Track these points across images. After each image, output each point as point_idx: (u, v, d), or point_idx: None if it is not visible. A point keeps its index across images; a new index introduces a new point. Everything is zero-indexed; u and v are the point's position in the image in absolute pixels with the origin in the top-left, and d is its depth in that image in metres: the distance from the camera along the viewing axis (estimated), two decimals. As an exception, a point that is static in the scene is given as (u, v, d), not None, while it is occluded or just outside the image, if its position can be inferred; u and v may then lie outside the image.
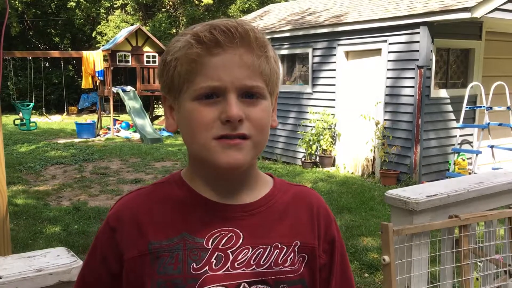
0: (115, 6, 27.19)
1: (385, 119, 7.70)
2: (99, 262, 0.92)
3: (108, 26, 25.46)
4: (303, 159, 9.04)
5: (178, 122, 0.90)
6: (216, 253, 0.86)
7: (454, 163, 7.50)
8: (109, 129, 14.47)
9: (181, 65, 0.84)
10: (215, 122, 0.82)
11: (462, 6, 6.52)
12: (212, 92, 0.83)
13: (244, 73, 0.83)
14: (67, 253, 1.22)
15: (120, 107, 19.76)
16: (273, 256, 0.88)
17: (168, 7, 27.08)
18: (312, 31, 8.90)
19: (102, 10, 26.06)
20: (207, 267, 0.85)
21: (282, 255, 0.89)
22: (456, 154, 7.56)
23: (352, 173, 8.34)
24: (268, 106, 0.88)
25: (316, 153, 8.87)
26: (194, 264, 0.85)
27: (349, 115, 8.40)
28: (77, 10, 24.86)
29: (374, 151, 7.93)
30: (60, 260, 1.16)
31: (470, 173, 7.13)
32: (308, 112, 8.92)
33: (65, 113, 21.40)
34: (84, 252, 4.31)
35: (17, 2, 22.50)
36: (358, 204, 6.19)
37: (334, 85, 8.56)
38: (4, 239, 1.61)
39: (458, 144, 7.62)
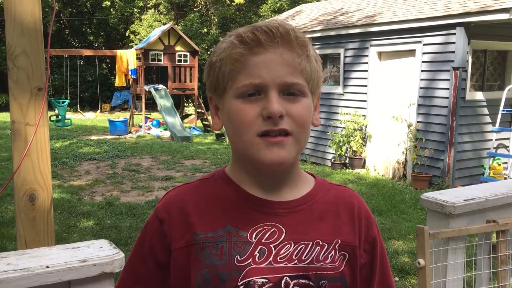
0: (148, 5, 27.65)
1: (418, 121, 7.58)
2: (147, 252, 0.95)
3: (141, 25, 25.90)
4: (332, 160, 8.98)
5: (223, 121, 0.93)
6: (259, 246, 0.88)
7: (489, 168, 7.32)
8: (140, 126, 14.72)
9: (225, 65, 0.88)
10: (258, 118, 0.85)
11: (501, 7, 6.35)
12: (254, 90, 0.85)
13: (285, 71, 0.85)
14: (109, 245, 1.26)
15: (151, 105, 20.07)
16: (315, 252, 0.90)
17: (200, 7, 27.34)
18: (344, 31, 8.83)
19: (135, 10, 26.54)
20: (250, 260, 0.87)
21: (323, 252, 0.91)
22: (492, 158, 7.38)
23: (382, 175, 8.23)
24: (309, 104, 0.90)
25: (346, 155, 8.80)
26: (238, 256, 0.87)
27: (380, 116, 8.29)
28: (111, 10, 25.40)
29: (406, 153, 7.81)
30: (103, 251, 1.20)
31: (505, 178, 6.94)
32: (338, 113, 8.86)
33: (98, 110, 21.89)
34: (117, 246, 4.39)
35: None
36: (388, 207, 6.11)
37: (366, 86, 8.47)
38: (48, 230, 1.67)
39: (494, 148, 7.43)
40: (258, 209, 0.91)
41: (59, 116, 14.19)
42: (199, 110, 15.88)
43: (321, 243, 0.91)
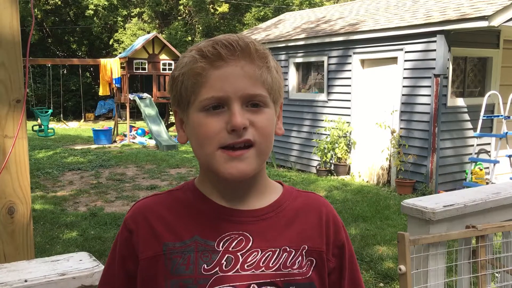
0: (132, 14, 27.55)
1: (401, 128, 7.66)
2: (118, 262, 0.97)
3: (125, 34, 25.79)
4: (317, 167, 9.02)
5: (187, 134, 0.95)
6: (227, 255, 0.89)
7: (471, 173, 7.42)
8: (125, 135, 14.62)
9: (187, 79, 0.89)
10: (221, 132, 0.86)
11: (480, 14, 6.48)
12: (217, 103, 0.87)
13: (246, 83, 0.87)
14: (89, 257, 1.25)
15: (136, 114, 19.97)
16: (282, 259, 0.92)
17: (184, 15, 27.35)
18: (328, 39, 8.91)
19: (119, 18, 26.42)
20: (217, 268, 0.88)
21: (290, 258, 0.92)
22: (473, 164, 7.48)
23: (367, 181, 8.29)
24: (272, 115, 0.92)
25: (331, 161, 8.85)
26: (205, 265, 0.89)
27: (364, 123, 8.37)
28: (95, 18, 25.24)
29: (390, 159, 7.88)
30: (82, 264, 1.19)
31: (487, 183, 7.05)
32: (323, 120, 8.91)
33: (82, 120, 21.70)
34: (101, 257, 4.36)
35: (36, 10, 22.93)
36: (373, 213, 6.16)
37: (350, 93, 8.55)
38: (27, 243, 1.65)
39: (475, 153, 7.54)
40: (225, 218, 0.92)
41: (42, 126, 14.02)
42: (184, 119, 15.82)
43: (288, 250, 0.92)
